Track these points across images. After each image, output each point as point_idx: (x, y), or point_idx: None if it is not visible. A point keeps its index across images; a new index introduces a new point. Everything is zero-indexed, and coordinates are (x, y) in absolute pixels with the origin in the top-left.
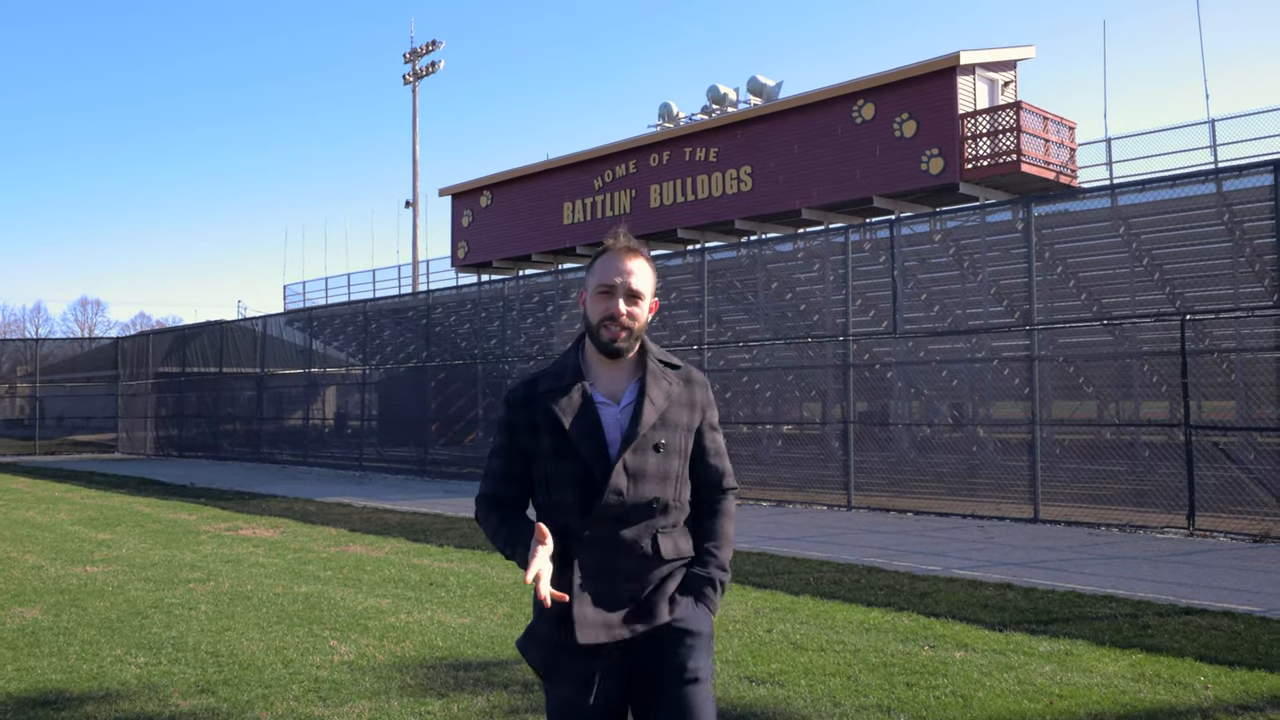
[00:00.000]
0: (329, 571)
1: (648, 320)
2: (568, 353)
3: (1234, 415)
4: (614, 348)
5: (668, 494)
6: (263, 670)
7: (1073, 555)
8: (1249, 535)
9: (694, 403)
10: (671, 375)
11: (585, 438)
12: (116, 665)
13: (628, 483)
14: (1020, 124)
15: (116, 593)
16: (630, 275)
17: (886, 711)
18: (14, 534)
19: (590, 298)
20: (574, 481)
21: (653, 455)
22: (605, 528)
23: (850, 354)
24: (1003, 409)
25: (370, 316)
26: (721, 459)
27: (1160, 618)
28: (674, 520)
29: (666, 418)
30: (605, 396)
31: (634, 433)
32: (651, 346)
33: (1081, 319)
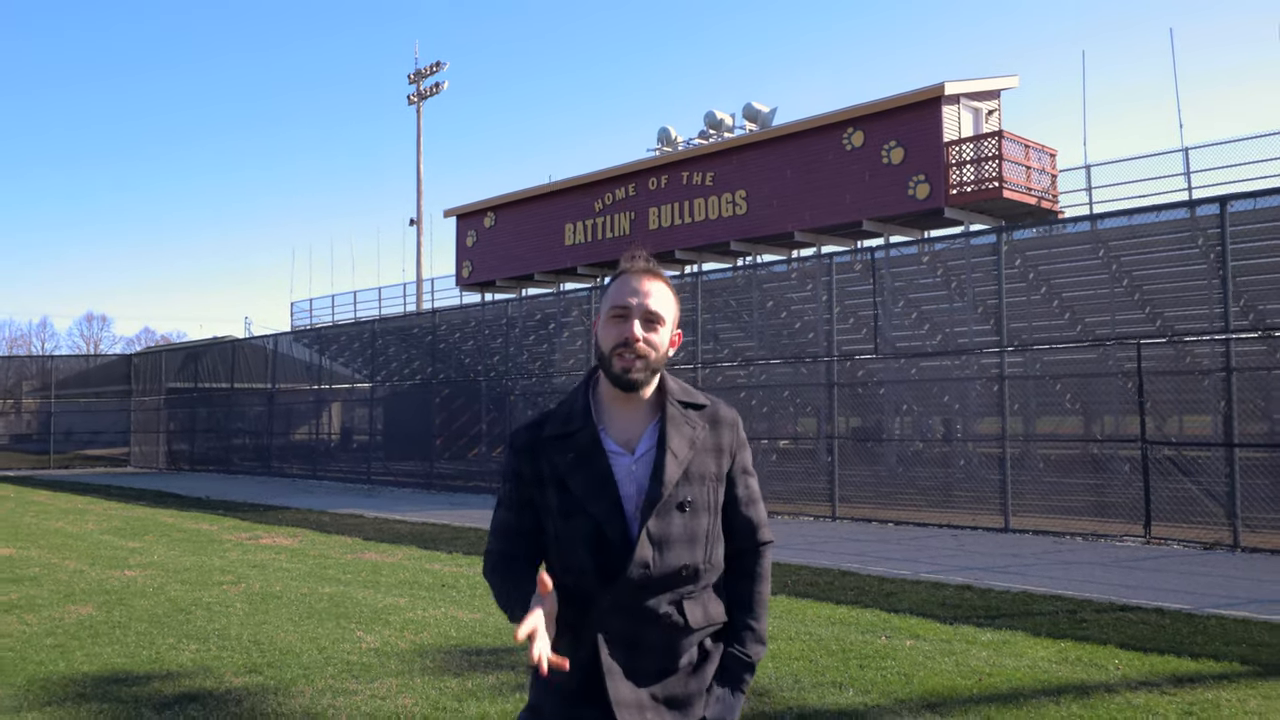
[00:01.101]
0: (348, 575)
1: (668, 353)
2: (578, 390)
3: (1210, 431)
4: (628, 379)
5: (698, 558)
6: (300, 655)
7: (1034, 561)
8: (1200, 543)
9: (721, 447)
10: (694, 418)
11: (595, 494)
12: (171, 651)
13: (653, 553)
14: (1002, 152)
15: (158, 593)
16: (647, 296)
17: (838, 687)
18: (49, 542)
19: (603, 324)
20: (585, 542)
21: (678, 516)
22: (629, 596)
23: (835, 373)
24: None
25: (378, 335)
26: (755, 508)
27: (1097, 613)
28: (705, 583)
29: (691, 470)
30: (619, 444)
31: (657, 493)
32: (672, 384)
33: (1052, 339)
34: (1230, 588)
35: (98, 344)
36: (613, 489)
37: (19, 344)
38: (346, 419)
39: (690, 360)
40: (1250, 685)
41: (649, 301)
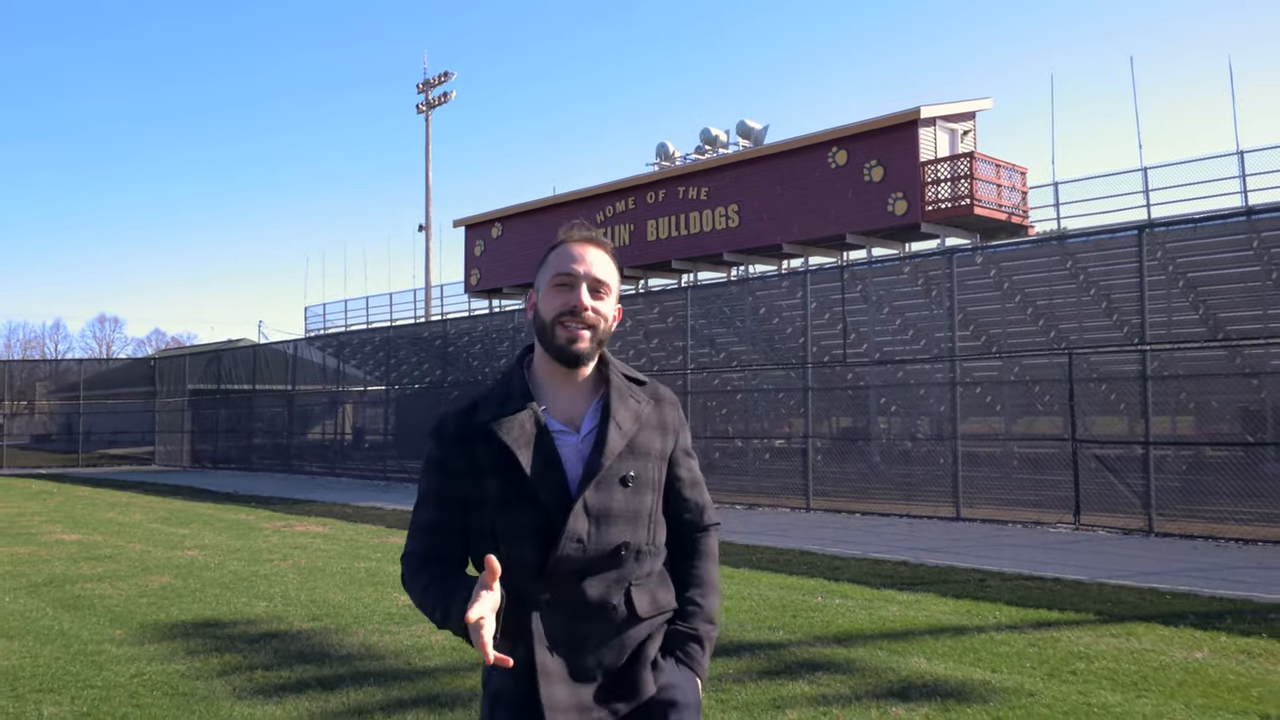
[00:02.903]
0: (378, 554)
1: (613, 326)
2: (510, 371)
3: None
4: (574, 351)
5: (640, 537)
6: (349, 609)
7: (972, 544)
8: (1121, 529)
9: (665, 425)
10: (639, 393)
11: (541, 479)
12: (246, 606)
13: (589, 526)
14: (974, 171)
15: (220, 567)
16: (592, 265)
17: (771, 629)
18: (108, 530)
19: (544, 294)
20: (532, 534)
21: (619, 491)
22: (566, 587)
23: (809, 377)
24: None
25: (392, 340)
26: (700, 490)
27: (1003, 581)
28: (649, 569)
29: (636, 444)
30: (562, 423)
31: (597, 464)
32: (614, 359)
33: (1027, 346)
34: (1128, 564)
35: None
36: (559, 472)
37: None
38: (360, 419)
39: (684, 365)
40: (1093, 628)
41: (594, 269)
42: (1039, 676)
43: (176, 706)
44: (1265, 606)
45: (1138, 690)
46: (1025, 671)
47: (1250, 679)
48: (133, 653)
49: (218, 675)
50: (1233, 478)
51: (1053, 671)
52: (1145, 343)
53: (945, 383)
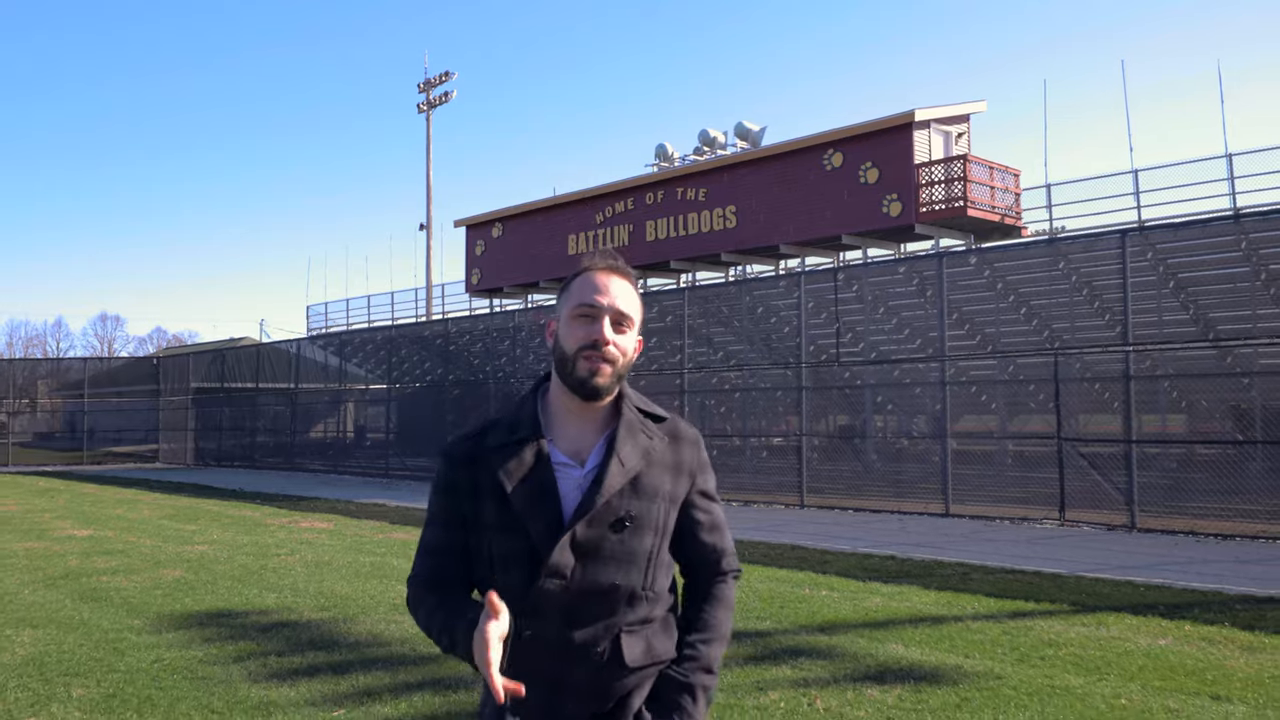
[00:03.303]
0: (382, 549)
1: (633, 360)
2: (525, 398)
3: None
4: (593, 385)
5: (633, 580)
6: (357, 600)
7: (959, 539)
8: (1104, 525)
9: (680, 465)
10: (653, 428)
11: (534, 508)
12: (257, 597)
13: (574, 564)
14: (967, 174)
15: (229, 561)
16: (616, 297)
17: (759, 619)
18: (117, 526)
19: (564, 324)
20: (522, 563)
21: (612, 532)
22: (550, 624)
23: (803, 377)
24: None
25: (394, 340)
26: (719, 535)
27: (986, 575)
28: (645, 615)
29: (642, 483)
30: (568, 456)
31: (591, 500)
32: (631, 392)
33: (1019, 346)
34: (1107, 558)
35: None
36: (554, 504)
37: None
38: (361, 418)
39: (679, 365)
40: (1065, 618)
41: (618, 302)
42: (1009, 661)
43: (196, 688)
44: (1233, 598)
45: (1100, 674)
46: (996, 657)
47: (1207, 664)
48: (151, 640)
49: (234, 661)
50: (1216, 475)
51: (1022, 657)
52: (1129, 343)
53: (936, 381)
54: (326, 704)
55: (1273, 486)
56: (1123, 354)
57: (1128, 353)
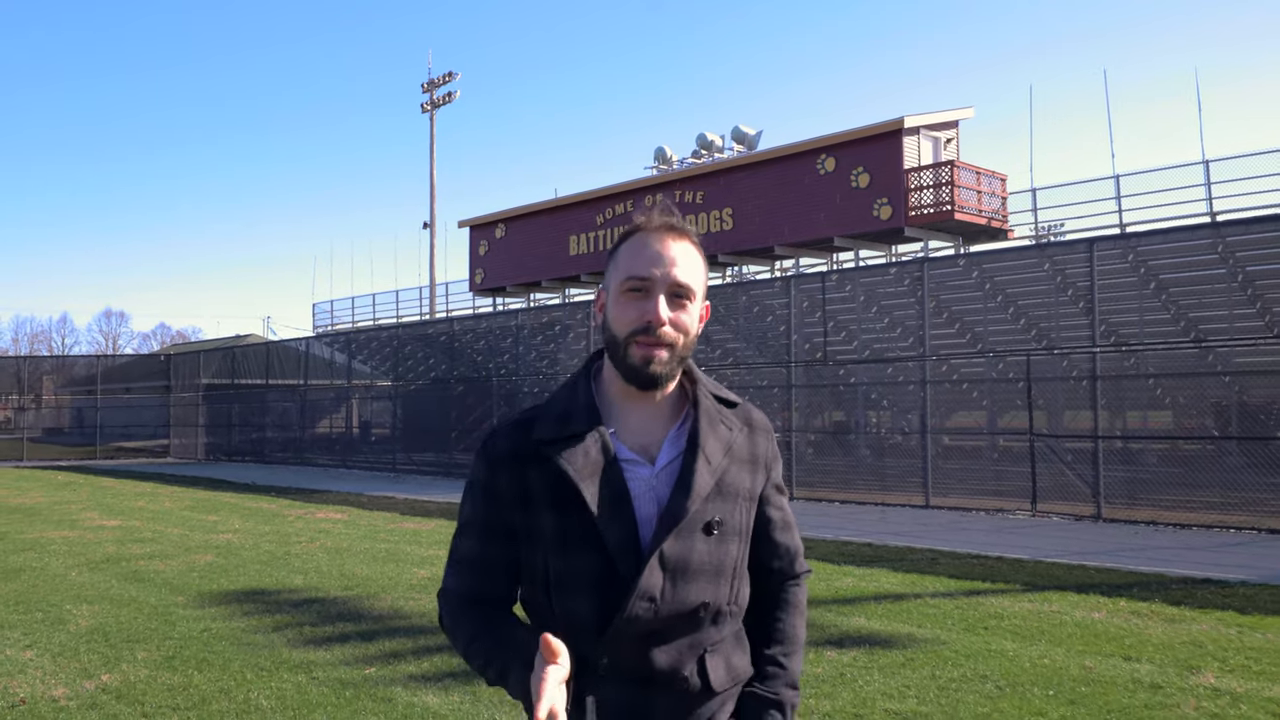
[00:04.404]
0: (395, 537)
1: (696, 337)
2: (575, 382)
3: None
4: (649, 374)
5: (721, 596)
6: (377, 580)
7: (936, 529)
8: (1073, 516)
9: (757, 457)
10: (730, 417)
11: (611, 517)
12: (286, 578)
13: (665, 584)
14: (955, 179)
15: (255, 548)
16: (673, 264)
17: None
18: (143, 516)
19: (614, 300)
20: (591, 585)
21: (703, 540)
22: (630, 651)
23: (793, 375)
24: (958, 419)
25: (400, 338)
26: (791, 533)
27: (953, 560)
28: (727, 631)
29: (725, 483)
30: (635, 451)
31: (681, 509)
32: (701, 374)
33: (1010, 348)
34: (1068, 545)
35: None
36: (629, 511)
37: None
38: (367, 414)
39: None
40: (1014, 595)
41: (675, 271)
42: (956, 631)
43: (244, 652)
44: (1173, 579)
45: (1032, 640)
46: (945, 627)
47: (1128, 632)
48: (197, 614)
49: (273, 630)
50: (1185, 469)
51: (969, 627)
52: (1095, 344)
53: (918, 380)
54: (358, 664)
55: (1231, 480)
56: (1090, 354)
57: (1095, 353)
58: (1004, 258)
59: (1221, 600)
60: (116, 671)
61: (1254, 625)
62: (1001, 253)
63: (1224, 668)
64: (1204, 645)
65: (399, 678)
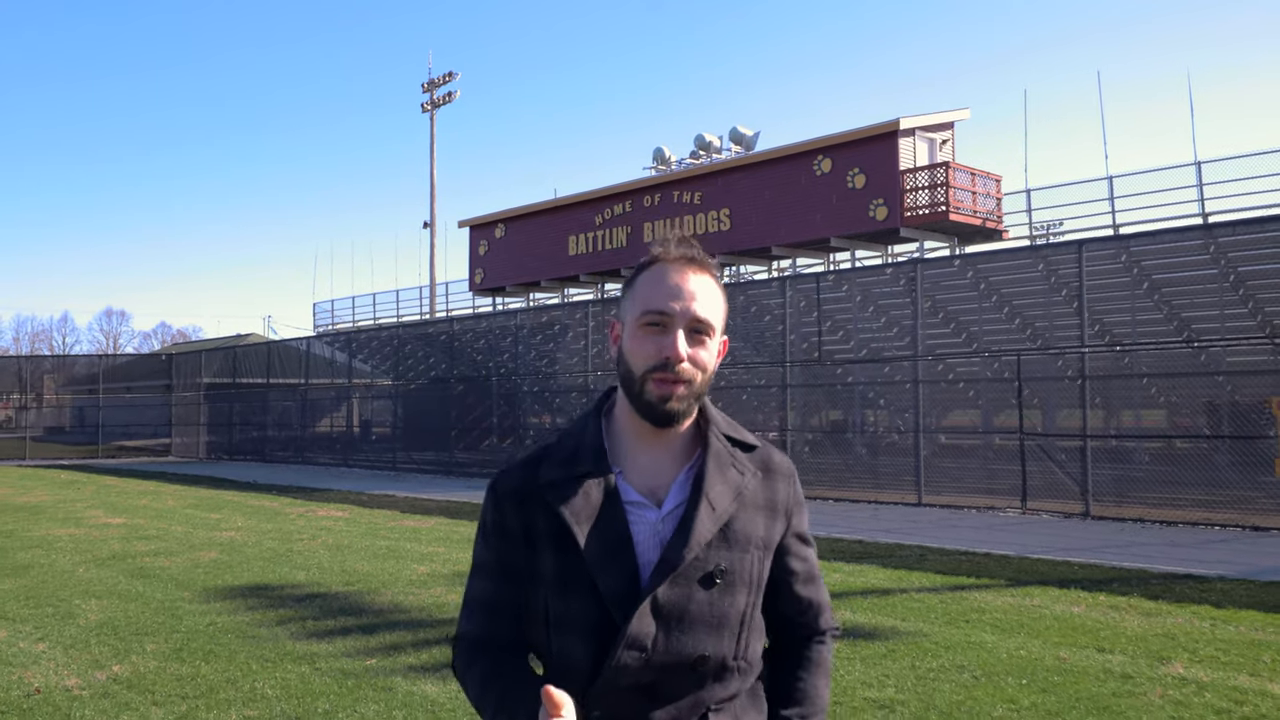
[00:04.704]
0: (396, 534)
1: (713, 373)
2: (586, 419)
3: (1165, 423)
4: (665, 411)
5: (724, 649)
6: (377, 576)
7: (926, 526)
8: (1062, 513)
9: (775, 504)
10: (744, 461)
11: (607, 562)
12: (289, 574)
13: (657, 632)
14: (949, 180)
15: (257, 545)
16: (692, 299)
17: None
18: (147, 514)
19: (630, 333)
20: (586, 631)
21: (701, 590)
22: (624, 705)
23: (788, 375)
24: (954, 418)
25: (401, 337)
26: (817, 587)
27: (942, 556)
28: (736, 689)
29: (733, 530)
30: (642, 493)
31: (678, 555)
32: (715, 413)
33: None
34: (1055, 542)
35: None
36: (629, 556)
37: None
38: (367, 412)
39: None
40: (998, 590)
41: (695, 306)
42: (938, 624)
43: (249, 644)
44: (1154, 575)
45: (1011, 633)
46: (928, 620)
47: (1104, 625)
48: (203, 608)
49: (276, 624)
50: (1172, 467)
51: (950, 620)
52: (1085, 344)
53: (912, 379)
54: (359, 656)
55: (1220, 478)
56: (1079, 354)
57: (1084, 353)
58: (998, 258)
59: (1199, 595)
60: (126, 663)
61: (1228, 619)
62: (996, 253)
63: (1193, 658)
64: (1176, 637)
65: (399, 668)
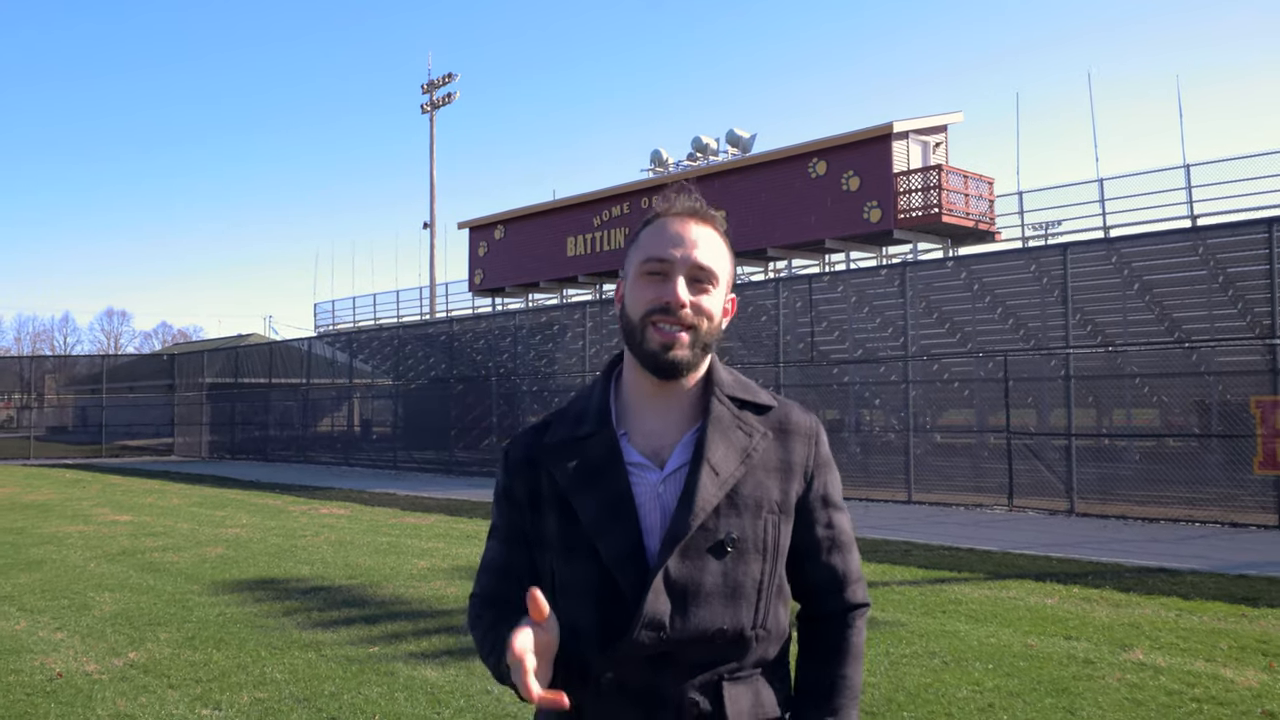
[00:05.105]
0: (397, 531)
1: (722, 325)
2: (595, 384)
3: (1158, 422)
4: (669, 360)
5: (742, 620)
6: (379, 570)
7: (915, 522)
8: (1048, 510)
9: (790, 465)
10: (752, 421)
11: (606, 524)
12: (293, 569)
13: (671, 610)
14: (942, 183)
15: (262, 541)
16: (694, 246)
17: None
18: (153, 512)
19: (632, 284)
20: (591, 595)
21: (714, 560)
22: (636, 670)
23: (781, 375)
24: (951, 416)
25: (401, 338)
26: (847, 556)
27: (926, 552)
28: (755, 658)
29: (741, 494)
30: (645, 455)
31: (683, 526)
32: (724, 373)
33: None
34: (1038, 538)
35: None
36: (630, 517)
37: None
38: (368, 412)
39: None
40: (976, 583)
41: (696, 253)
42: (915, 614)
43: (258, 633)
44: (1129, 569)
45: (984, 622)
46: (906, 611)
47: (1074, 615)
48: (212, 600)
49: (283, 614)
50: (1160, 465)
51: (927, 611)
52: (1069, 345)
53: (912, 379)
54: (363, 643)
55: (1205, 476)
56: (1064, 354)
57: (1069, 353)
58: (990, 260)
59: (1169, 587)
60: (142, 650)
61: (1193, 609)
62: (988, 255)
63: (1154, 645)
64: (1141, 626)
65: (400, 655)
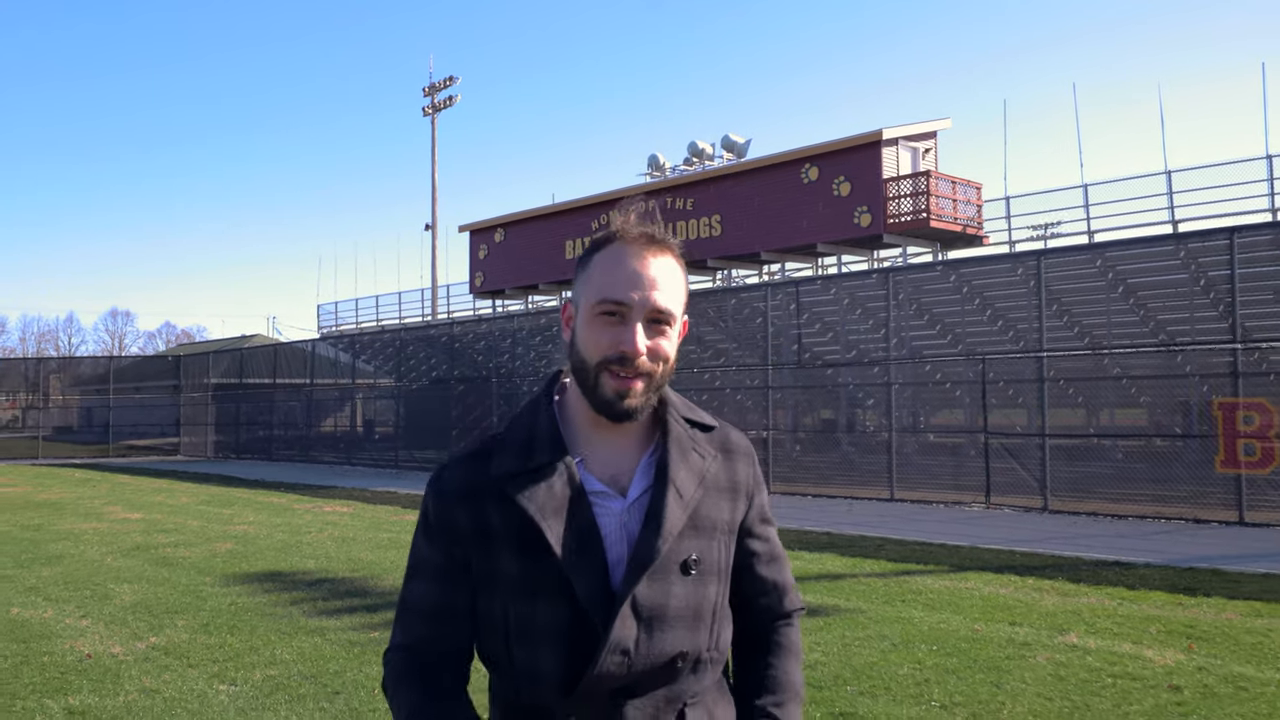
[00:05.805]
0: (398, 527)
1: (674, 365)
2: (535, 406)
3: (1146, 421)
4: (624, 409)
5: (700, 642)
6: (381, 564)
7: (894, 520)
8: (1023, 508)
9: (737, 485)
10: (703, 441)
11: (580, 562)
12: (299, 563)
13: (639, 634)
14: (930, 189)
15: (269, 538)
16: (653, 287)
17: None
18: (162, 510)
19: (584, 320)
20: (557, 637)
21: (679, 582)
22: (600, 708)
23: (770, 376)
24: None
25: (403, 339)
26: (780, 567)
27: (898, 546)
28: (709, 681)
29: (700, 516)
30: (605, 483)
31: (652, 550)
32: (672, 394)
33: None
34: (1009, 534)
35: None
36: (597, 553)
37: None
38: (370, 412)
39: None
40: (939, 575)
41: (655, 295)
42: (876, 603)
43: (267, 620)
44: (1088, 562)
45: (938, 610)
46: (869, 600)
47: (1023, 604)
48: (223, 591)
49: (290, 604)
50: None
51: (888, 600)
52: (1043, 348)
53: (905, 381)
54: (364, 629)
55: (1177, 475)
56: (1038, 358)
57: (1042, 357)
58: (976, 264)
59: (1118, 579)
60: (162, 635)
61: (1135, 599)
62: (974, 259)
63: (1089, 630)
64: (1082, 614)
65: None
